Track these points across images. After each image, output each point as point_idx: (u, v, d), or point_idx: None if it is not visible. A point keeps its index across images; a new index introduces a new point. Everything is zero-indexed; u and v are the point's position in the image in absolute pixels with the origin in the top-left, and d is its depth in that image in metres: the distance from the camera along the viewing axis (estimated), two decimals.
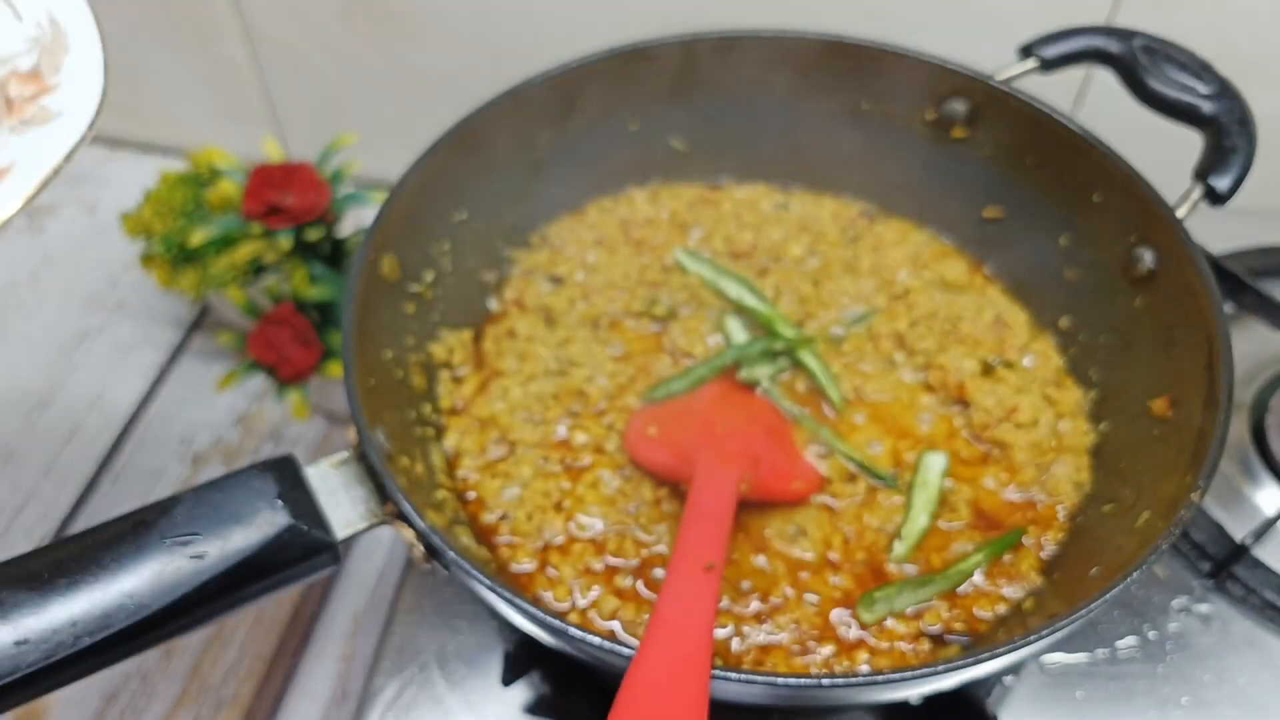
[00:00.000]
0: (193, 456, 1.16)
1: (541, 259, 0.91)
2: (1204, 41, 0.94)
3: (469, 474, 0.77)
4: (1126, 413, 0.78)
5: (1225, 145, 0.79)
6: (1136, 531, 0.68)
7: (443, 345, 0.83)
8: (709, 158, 0.96)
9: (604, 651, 0.57)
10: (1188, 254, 0.74)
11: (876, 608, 0.70)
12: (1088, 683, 0.78)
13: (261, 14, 1.22)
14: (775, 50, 0.88)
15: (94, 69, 0.63)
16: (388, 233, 0.76)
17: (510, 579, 0.72)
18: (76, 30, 0.66)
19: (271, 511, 0.60)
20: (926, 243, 0.93)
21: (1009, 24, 1.02)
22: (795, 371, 0.83)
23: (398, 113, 1.29)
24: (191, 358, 1.24)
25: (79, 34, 0.65)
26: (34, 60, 0.65)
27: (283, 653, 1.03)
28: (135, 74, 1.34)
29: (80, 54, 0.64)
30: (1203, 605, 0.82)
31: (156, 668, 1.01)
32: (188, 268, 1.06)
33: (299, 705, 1.00)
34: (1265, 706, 0.77)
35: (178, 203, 1.04)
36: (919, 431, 0.80)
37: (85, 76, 0.63)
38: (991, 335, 0.85)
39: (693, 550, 0.63)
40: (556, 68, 0.84)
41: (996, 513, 0.76)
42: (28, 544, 1.08)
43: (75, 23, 0.66)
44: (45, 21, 0.66)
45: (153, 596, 0.56)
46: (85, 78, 0.63)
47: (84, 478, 1.13)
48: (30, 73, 0.65)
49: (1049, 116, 0.82)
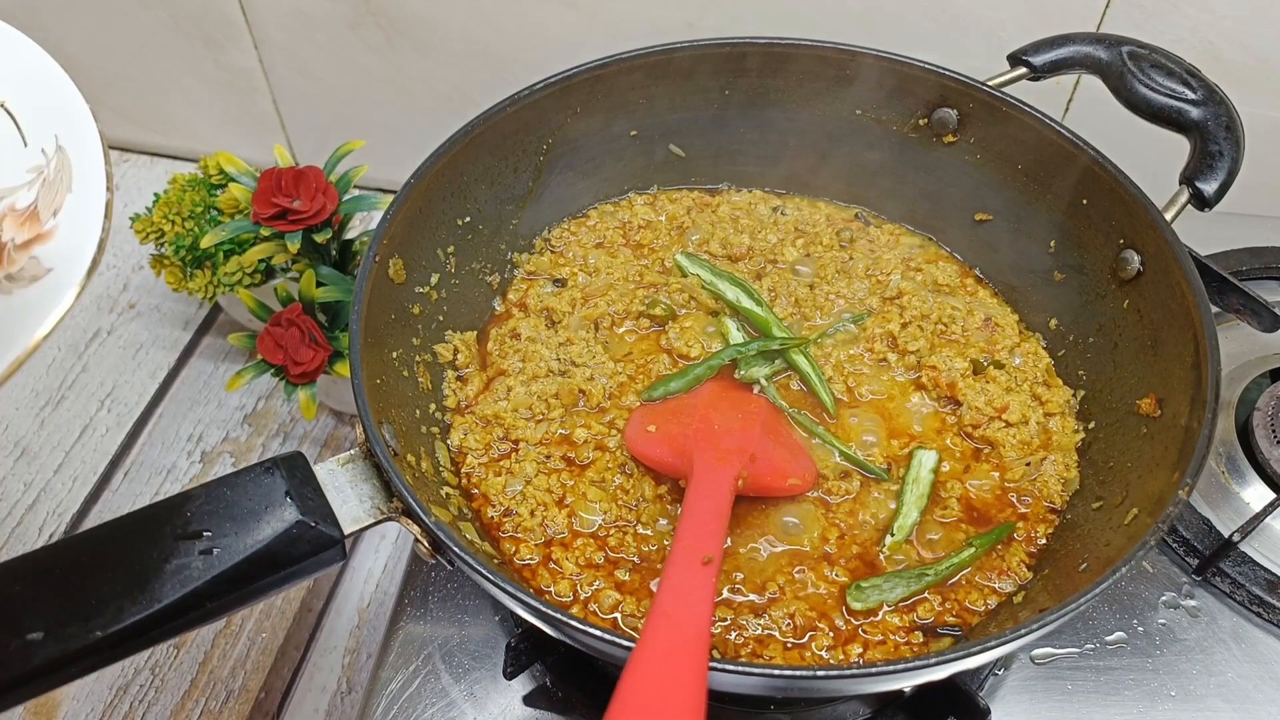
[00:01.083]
0: (202, 454, 1.18)
1: (544, 262, 0.93)
2: (1191, 48, 0.96)
3: (473, 471, 0.79)
4: (1114, 411, 0.79)
5: (1212, 150, 0.81)
6: (1124, 527, 0.69)
7: (448, 346, 0.85)
8: (707, 163, 0.97)
9: (604, 643, 0.58)
10: (1174, 256, 0.75)
11: (867, 596, 0.72)
12: (1077, 675, 0.80)
13: (271, 23, 1.24)
14: (771, 58, 0.90)
15: (94, 218, 0.56)
16: (394, 236, 0.77)
17: (514, 573, 0.74)
18: (83, 164, 0.59)
19: (280, 507, 0.61)
20: (918, 246, 0.95)
21: (999, 32, 1.04)
22: (791, 371, 0.85)
23: (403, 119, 1.31)
24: (201, 358, 1.26)
25: (85, 169, 0.58)
26: (33, 197, 0.58)
27: (290, 646, 1.04)
28: (147, 81, 1.36)
29: (83, 194, 0.57)
30: (1190, 600, 0.84)
31: (167, 660, 1.02)
32: (198, 270, 1.08)
33: (306, 697, 1.02)
34: (1252, 699, 0.79)
35: (188, 206, 1.06)
36: (911, 430, 0.82)
37: (84, 226, 0.56)
38: (982, 336, 0.87)
39: (691, 544, 0.64)
40: (558, 76, 0.86)
41: (987, 508, 0.78)
42: (40, 540, 1.10)
43: (83, 154, 0.59)
44: (51, 149, 0.60)
45: (164, 591, 0.57)
46: (83, 227, 0.56)
47: (96, 475, 1.15)
48: (28, 211, 0.58)
49: (1038, 122, 0.84)
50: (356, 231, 1.10)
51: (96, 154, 0.59)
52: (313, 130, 1.38)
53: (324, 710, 1.01)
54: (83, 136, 0.60)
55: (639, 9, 1.11)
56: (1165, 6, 0.99)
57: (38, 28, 1.35)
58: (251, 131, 1.39)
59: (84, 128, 0.60)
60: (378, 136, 1.15)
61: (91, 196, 0.57)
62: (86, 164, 0.59)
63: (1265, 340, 0.95)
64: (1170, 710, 0.78)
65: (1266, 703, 0.79)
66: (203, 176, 1.09)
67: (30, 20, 1.27)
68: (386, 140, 1.25)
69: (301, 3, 1.20)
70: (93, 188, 0.58)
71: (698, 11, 1.11)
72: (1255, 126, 0.85)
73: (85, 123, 0.60)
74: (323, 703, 1.01)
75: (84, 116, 0.61)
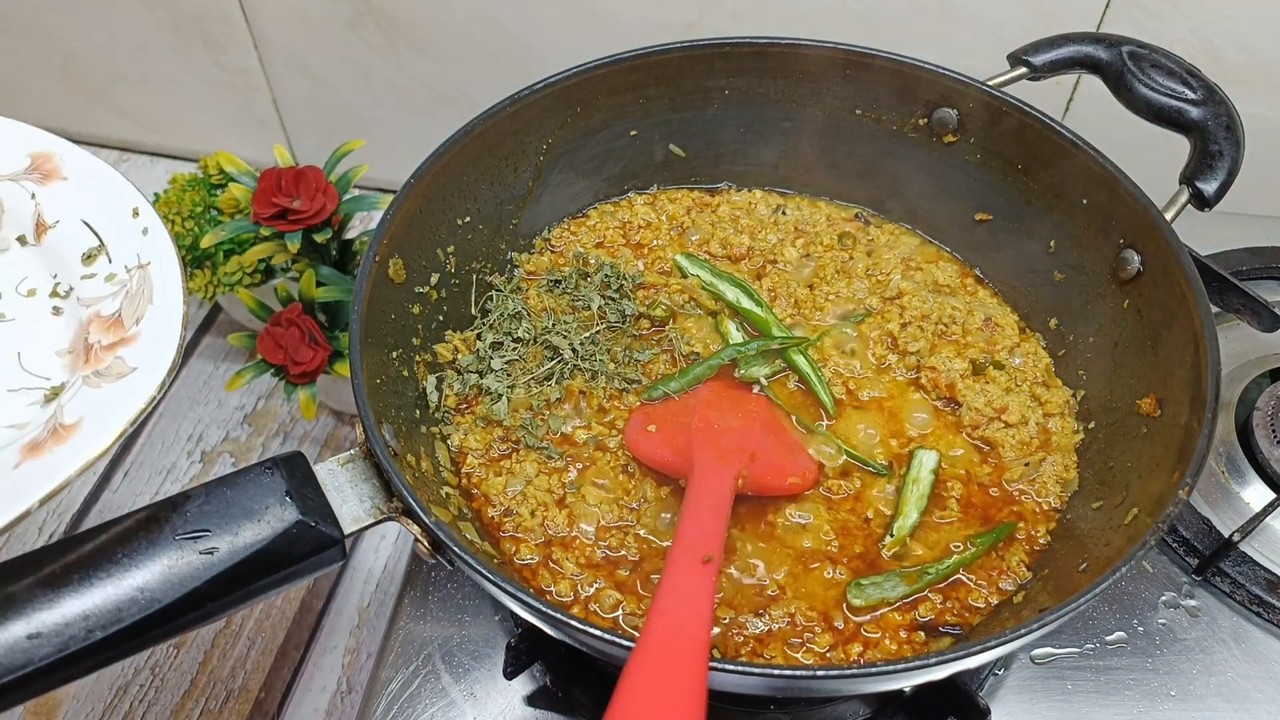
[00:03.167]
0: (202, 454, 1.18)
1: (544, 262, 0.93)
2: (1191, 48, 0.96)
3: (473, 471, 0.79)
4: (1114, 412, 0.79)
5: (1212, 150, 0.81)
6: (1124, 527, 0.69)
7: (448, 346, 0.85)
8: (707, 163, 0.97)
9: (605, 643, 0.58)
10: (1174, 256, 0.75)
11: (867, 594, 0.72)
12: (1077, 675, 0.80)
13: (271, 23, 1.24)
14: (771, 58, 0.90)
15: (173, 326, 0.64)
16: (394, 236, 0.77)
17: (514, 573, 0.74)
18: (163, 280, 0.67)
19: (280, 507, 0.61)
20: (919, 246, 0.95)
21: (999, 32, 1.04)
22: (791, 371, 0.85)
23: (403, 119, 1.31)
24: (201, 358, 1.26)
25: (164, 285, 0.67)
26: (117, 306, 0.67)
27: (290, 645, 1.05)
28: (147, 81, 1.36)
29: (163, 306, 0.66)
30: (1190, 600, 0.84)
31: (167, 660, 1.03)
32: (198, 270, 1.08)
33: (306, 697, 1.02)
34: (1252, 699, 0.79)
35: (188, 206, 1.06)
36: (910, 430, 0.82)
37: (164, 332, 0.64)
38: (982, 336, 0.87)
39: (691, 543, 0.64)
40: (558, 75, 0.86)
41: (987, 508, 0.78)
42: (40, 540, 1.10)
43: (163, 271, 0.68)
44: (134, 265, 0.68)
45: (164, 591, 0.57)
46: (164, 333, 0.64)
47: (95, 474, 1.15)
48: (112, 318, 0.66)
49: (1038, 122, 0.84)
50: (356, 231, 1.11)
51: (175, 273, 0.68)
52: (313, 130, 1.38)
53: (324, 710, 1.01)
54: (163, 258, 0.69)
55: (639, 9, 1.11)
56: (1165, 6, 0.99)
57: (38, 27, 1.35)
58: (251, 131, 1.39)
59: (164, 250, 0.69)
60: (378, 136, 1.16)
61: (171, 310, 0.66)
62: (166, 280, 0.68)
63: (1265, 340, 0.95)
64: (1170, 710, 0.78)
65: (1266, 703, 0.79)
66: (203, 176, 1.09)
67: (30, 20, 1.27)
68: (386, 140, 1.26)
69: (301, 3, 1.20)
70: (172, 302, 0.67)
71: (698, 11, 1.11)
72: (1255, 126, 0.85)
73: (165, 245, 0.70)
74: (323, 703, 1.01)
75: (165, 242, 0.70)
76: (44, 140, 0.77)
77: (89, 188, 0.74)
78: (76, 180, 0.75)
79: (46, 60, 1.33)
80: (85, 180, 0.75)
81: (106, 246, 0.71)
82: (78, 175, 0.76)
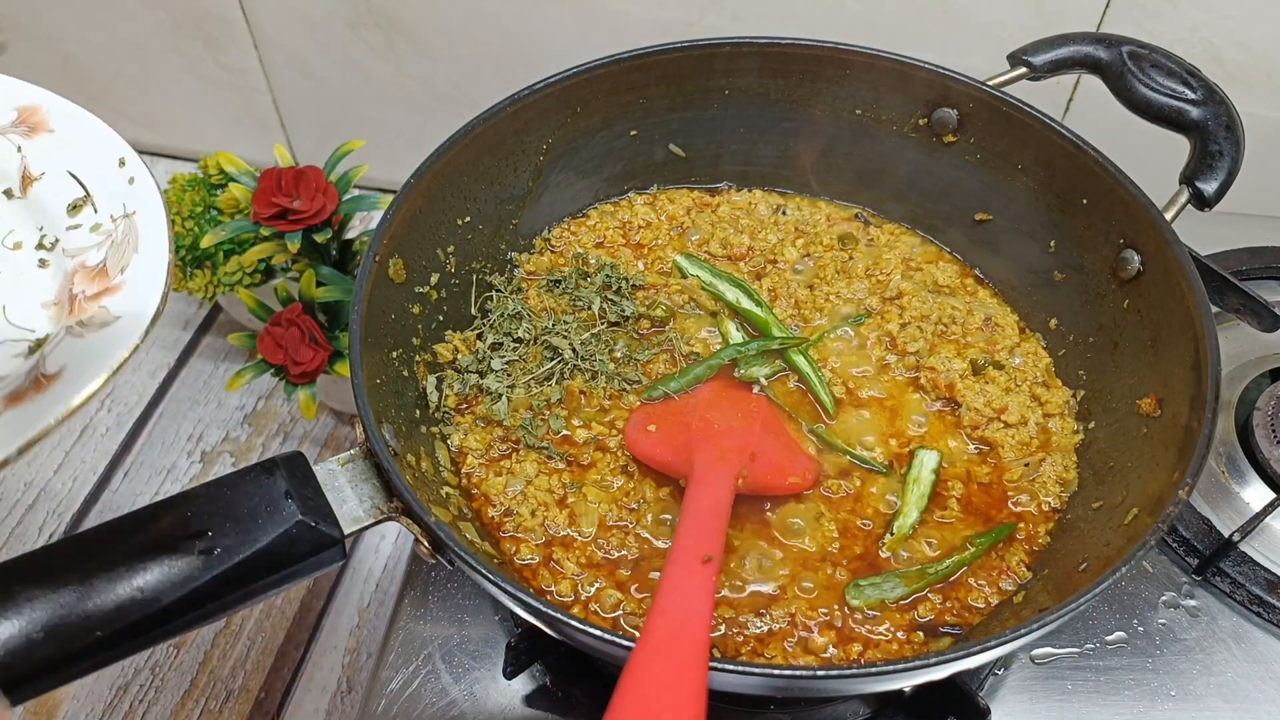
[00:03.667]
0: (202, 454, 1.18)
1: (544, 262, 0.93)
2: (1191, 48, 0.96)
3: (474, 471, 0.79)
4: (1114, 412, 0.79)
5: (1212, 150, 0.81)
6: (1124, 527, 0.69)
7: (448, 346, 0.85)
8: (707, 164, 0.97)
9: (605, 643, 0.58)
10: (1174, 256, 0.75)
11: (866, 594, 0.72)
12: (1077, 675, 0.80)
13: (271, 23, 1.24)
14: (771, 58, 0.90)
15: (158, 275, 0.64)
16: (394, 236, 0.77)
17: (514, 573, 0.74)
18: (148, 229, 0.66)
19: (280, 507, 0.61)
20: (918, 246, 0.95)
21: (999, 32, 1.04)
22: (791, 371, 0.85)
23: (403, 119, 1.31)
24: (201, 357, 1.26)
25: (150, 234, 0.66)
26: (102, 256, 0.66)
27: (290, 646, 1.05)
28: (147, 81, 1.36)
29: (148, 256, 0.65)
30: (1190, 600, 0.84)
31: (167, 660, 1.03)
32: (198, 270, 1.08)
33: (306, 697, 1.02)
34: (1251, 699, 0.79)
35: (188, 206, 1.06)
36: (910, 430, 0.82)
37: (149, 281, 0.63)
38: (981, 336, 0.87)
39: (691, 543, 0.64)
40: (558, 75, 0.86)
41: (987, 509, 0.78)
42: (40, 539, 1.10)
43: (149, 219, 0.67)
44: (119, 214, 0.68)
45: (164, 591, 0.57)
46: (149, 282, 0.63)
47: (95, 474, 1.15)
48: (97, 268, 0.65)
49: (1038, 122, 0.84)
50: (356, 231, 1.11)
51: (160, 221, 0.67)
52: (313, 130, 1.38)
53: (324, 710, 1.01)
54: (149, 207, 0.68)
55: (639, 9, 1.11)
56: (1165, 6, 0.99)
57: (38, 27, 1.35)
58: (251, 131, 1.39)
59: (150, 199, 0.68)
60: (378, 136, 1.16)
61: (156, 257, 0.65)
62: (152, 230, 0.67)
63: (1265, 340, 0.95)
64: (1170, 710, 0.78)
65: (1266, 703, 0.79)
66: (203, 176, 1.09)
67: (30, 20, 1.27)
68: (386, 140, 1.26)
69: (301, 3, 1.20)
70: (157, 250, 0.66)
71: (698, 11, 1.11)
72: (1255, 126, 0.85)
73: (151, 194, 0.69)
74: (323, 703, 1.02)
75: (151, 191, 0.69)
76: (31, 93, 0.76)
77: (75, 139, 0.73)
78: (63, 132, 0.74)
79: (46, 60, 1.33)
80: (71, 132, 0.74)
81: (92, 197, 0.70)
82: (64, 127, 0.74)
